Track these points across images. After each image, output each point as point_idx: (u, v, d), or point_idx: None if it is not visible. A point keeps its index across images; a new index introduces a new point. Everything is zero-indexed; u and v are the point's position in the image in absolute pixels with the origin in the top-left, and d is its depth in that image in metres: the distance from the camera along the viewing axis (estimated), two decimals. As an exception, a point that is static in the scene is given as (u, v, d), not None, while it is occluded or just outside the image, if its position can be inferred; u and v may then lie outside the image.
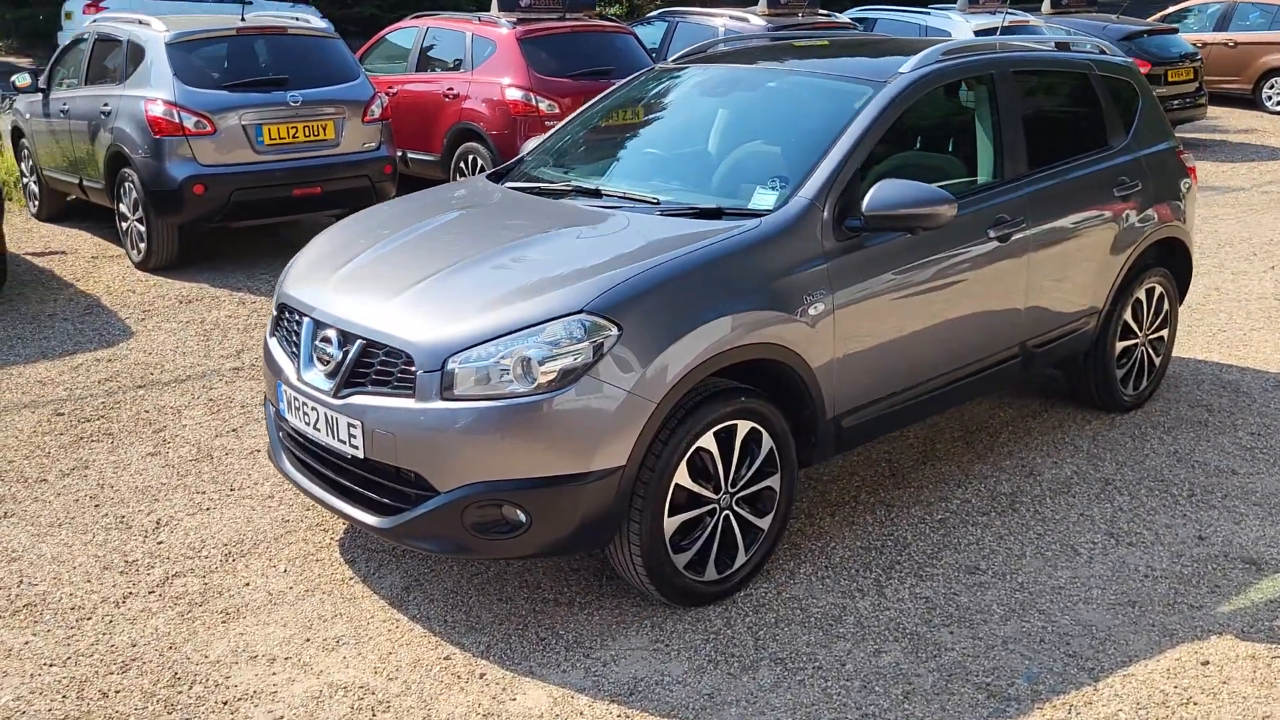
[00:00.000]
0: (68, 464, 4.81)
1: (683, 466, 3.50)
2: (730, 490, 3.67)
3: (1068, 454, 4.97)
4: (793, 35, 5.91)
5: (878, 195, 3.82)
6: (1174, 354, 6.20)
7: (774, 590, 3.83)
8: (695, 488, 3.57)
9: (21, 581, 3.88)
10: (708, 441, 3.55)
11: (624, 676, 3.36)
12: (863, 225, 3.86)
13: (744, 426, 3.65)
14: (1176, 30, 14.92)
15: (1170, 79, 13.52)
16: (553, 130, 5.02)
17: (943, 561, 4.04)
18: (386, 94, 9.93)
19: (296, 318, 3.83)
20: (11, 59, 18.93)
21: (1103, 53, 5.34)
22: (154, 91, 7.71)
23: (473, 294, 3.54)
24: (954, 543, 4.17)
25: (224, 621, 3.64)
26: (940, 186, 4.32)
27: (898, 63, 4.35)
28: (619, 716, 3.18)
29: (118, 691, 3.28)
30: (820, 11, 11.89)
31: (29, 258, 8.55)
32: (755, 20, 11.14)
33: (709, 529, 3.65)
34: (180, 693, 3.27)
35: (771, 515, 3.84)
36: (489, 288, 3.56)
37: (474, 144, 9.33)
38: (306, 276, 3.99)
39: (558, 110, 8.81)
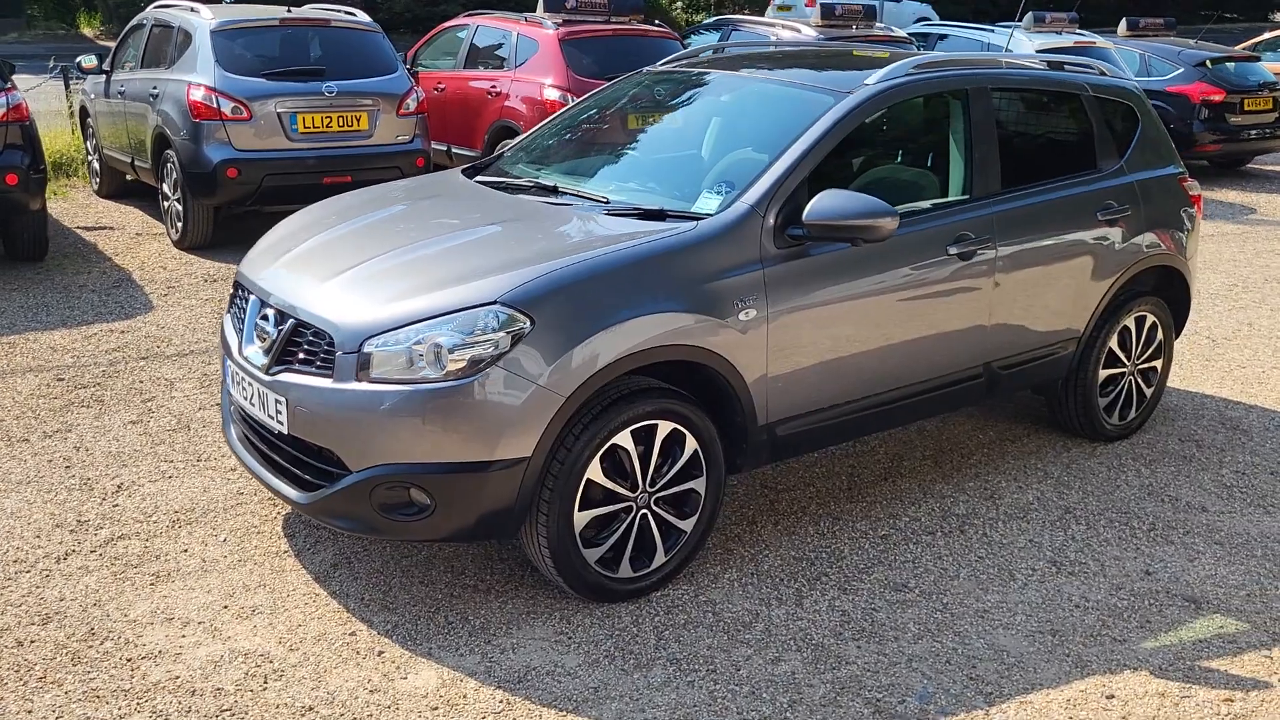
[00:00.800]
0: (53, 426, 5.02)
1: (595, 462, 3.54)
2: (649, 490, 3.70)
3: (1035, 480, 4.88)
4: (798, 45, 5.88)
5: (818, 205, 3.81)
6: (1181, 386, 6.07)
7: (692, 593, 3.85)
8: (610, 484, 3.60)
9: (-22, 533, 4.07)
10: (624, 439, 3.58)
11: (518, 665, 3.40)
12: (805, 234, 3.85)
13: (665, 427, 3.67)
14: (1258, 59, 14.45)
15: (1247, 108, 13.11)
16: (535, 128, 5.10)
17: (872, 577, 4.01)
18: (436, 89, 10.16)
19: (245, 296, 3.96)
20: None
21: (1102, 74, 5.23)
22: (196, 77, 7.98)
23: (399, 280, 3.63)
24: (890, 559, 4.13)
25: (152, 584, 3.77)
26: (903, 201, 4.32)
27: (869, 74, 4.33)
28: (501, 703, 3.23)
29: (33, 642, 3.42)
30: (877, 24, 11.80)
31: (79, 231, 8.91)
32: (807, 31, 11.11)
33: (624, 527, 3.68)
34: (90, 647, 3.40)
35: (695, 518, 3.85)
36: (416, 275, 3.64)
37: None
38: (260, 257, 4.12)
39: (592, 112, 8.87)
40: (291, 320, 3.63)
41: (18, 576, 3.79)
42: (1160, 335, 5.34)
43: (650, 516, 3.74)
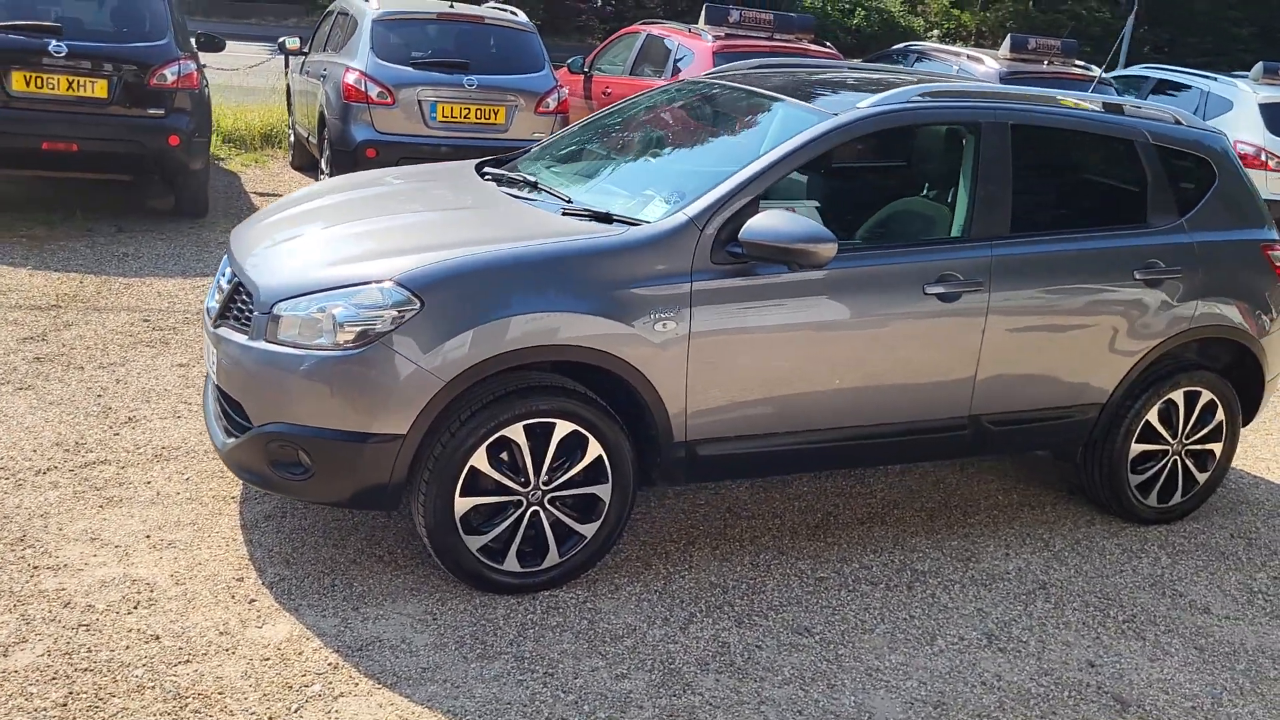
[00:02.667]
0: (111, 359, 5.52)
1: (482, 451, 3.57)
2: (542, 487, 3.70)
3: (1030, 549, 4.52)
4: (867, 67, 5.64)
5: (755, 223, 3.71)
6: (1267, 475, 5.47)
7: (582, 598, 3.81)
8: (497, 475, 3.62)
9: (-6, 440, 4.54)
10: (516, 433, 3.60)
11: (368, 634, 3.49)
12: (743, 252, 3.75)
13: (564, 427, 3.66)
14: None
15: None
16: (568, 127, 5.17)
17: (780, 616, 3.84)
18: (604, 92, 10.40)
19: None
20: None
21: (1177, 122, 4.77)
22: (353, 61, 8.53)
23: (330, 251, 3.79)
24: (810, 602, 3.95)
25: (101, 506, 4.10)
26: (887, 233, 4.14)
27: (869, 98, 4.16)
28: (328, 665, 3.32)
29: (-32, 538, 3.80)
30: (1075, 63, 11.13)
31: (253, 195, 9.68)
32: (989, 63, 10.63)
33: (512, 520, 3.69)
34: (10, 550, 3.74)
35: (598, 524, 3.82)
36: (346, 248, 3.80)
37: (655, 149, 9.55)
38: (250, 221, 4.39)
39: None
40: (236, 279, 3.86)
41: (-5, 481, 4.21)
42: (1221, 416, 4.82)
43: (543, 515, 3.73)
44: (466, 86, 8.44)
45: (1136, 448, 4.70)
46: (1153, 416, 4.67)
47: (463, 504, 3.61)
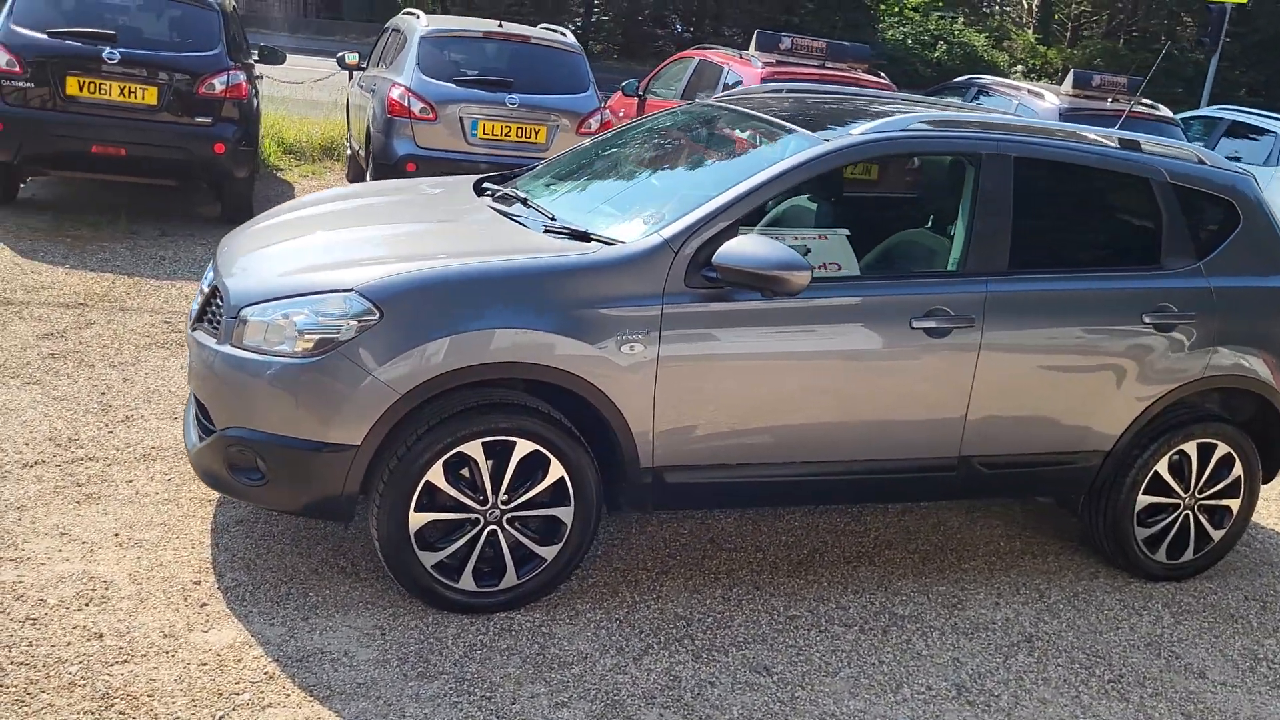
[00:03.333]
0: (124, 358, 5.60)
1: (438, 467, 3.53)
2: (501, 507, 3.64)
3: (1023, 600, 4.33)
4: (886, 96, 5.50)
5: (729, 248, 3.62)
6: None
7: (538, 622, 3.74)
8: (453, 492, 3.58)
9: (-8, 432, 4.63)
10: (474, 450, 3.55)
11: (313, 646, 3.45)
12: (718, 277, 3.66)
13: (524, 446, 3.60)
14: None
15: None
16: (573, 147, 5.14)
17: (741, 653, 3.72)
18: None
19: None
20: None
21: (1200, 162, 4.57)
22: (400, 77, 8.63)
23: (304, 258, 3.79)
24: (776, 641, 3.82)
25: (78, 502, 4.14)
26: (879, 263, 4.03)
27: (864, 125, 4.05)
28: (264, 674, 3.29)
29: (-59, 525, 3.86)
30: (1143, 101, 10.82)
31: (302, 206, 9.81)
32: (1050, 98, 10.38)
33: (468, 538, 3.64)
34: (-21, 541, 3.79)
35: (560, 546, 3.75)
36: (320, 256, 3.80)
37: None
38: (243, 227, 4.42)
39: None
40: (214, 282, 3.88)
41: (-19, 472, 4.28)
42: (1238, 471, 4.58)
43: (502, 535, 3.67)
44: (508, 105, 8.48)
45: (1144, 499, 4.48)
46: (1162, 468, 4.46)
47: (418, 519, 3.57)
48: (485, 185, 4.68)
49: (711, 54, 10.50)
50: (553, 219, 4.06)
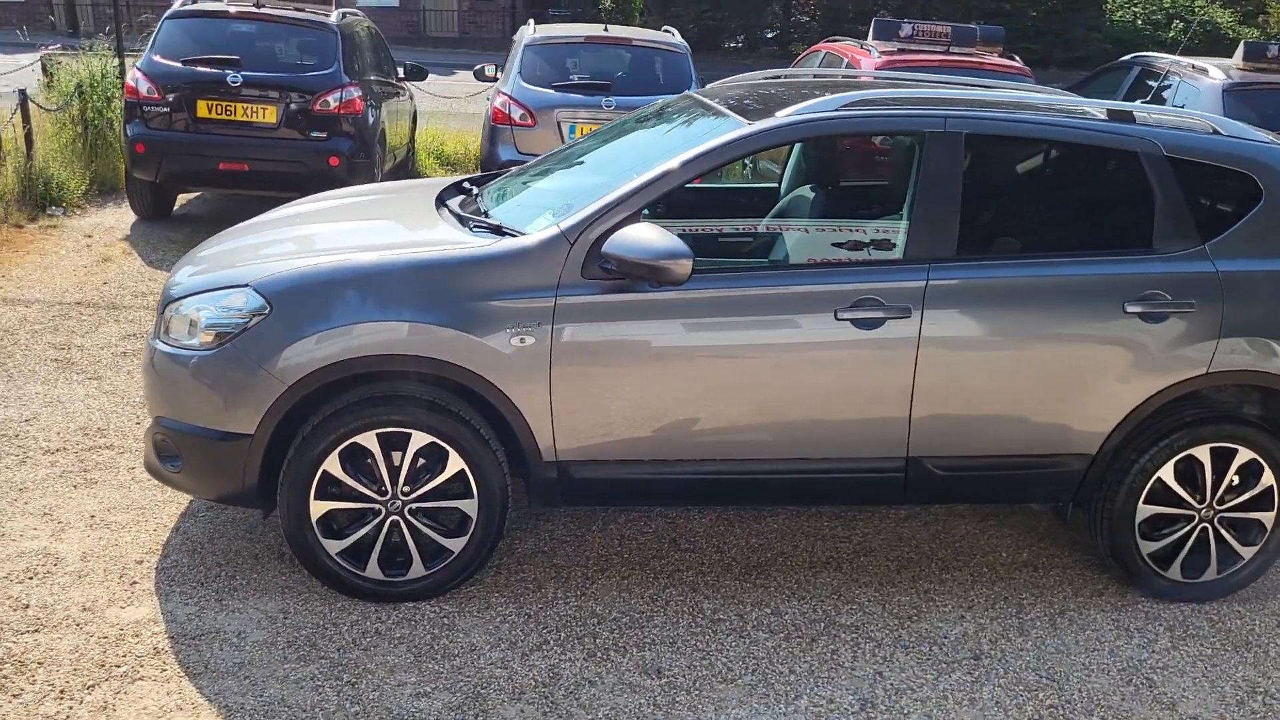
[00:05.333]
0: (123, 350, 6.01)
1: (334, 457, 3.63)
2: (401, 497, 3.70)
3: (996, 614, 3.99)
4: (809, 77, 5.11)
5: (617, 237, 3.55)
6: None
7: (443, 613, 3.77)
8: (351, 482, 3.66)
9: None
10: (369, 441, 3.63)
11: (212, 625, 3.62)
12: (612, 268, 3.58)
13: (420, 438, 3.64)
14: None
15: None
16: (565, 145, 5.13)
17: (641, 654, 3.62)
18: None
19: None
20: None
21: (1215, 133, 4.06)
22: (505, 85, 8.88)
23: (231, 257, 3.98)
24: (686, 644, 3.69)
25: (76, 486, 4.49)
26: (801, 251, 3.84)
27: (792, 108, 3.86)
28: (153, 649, 3.47)
29: (-57, 502, 4.30)
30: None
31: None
32: (1215, 74, 9.45)
33: (370, 528, 3.71)
34: (-32, 518, 4.20)
35: (466, 539, 3.77)
36: (246, 255, 3.97)
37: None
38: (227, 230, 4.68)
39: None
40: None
41: (7, 455, 4.72)
42: (1270, 480, 4.05)
43: (404, 526, 3.73)
44: (604, 107, 8.54)
45: (1147, 509, 4.03)
46: (1167, 474, 3.99)
47: (318, 507, 3.67)
48: (465, 184, 4.75)
49: (836, 46, 10.19)
50: (485, 215, 4.08)
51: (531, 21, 9.45)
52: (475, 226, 3.96)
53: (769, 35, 27.93)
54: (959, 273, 3.78)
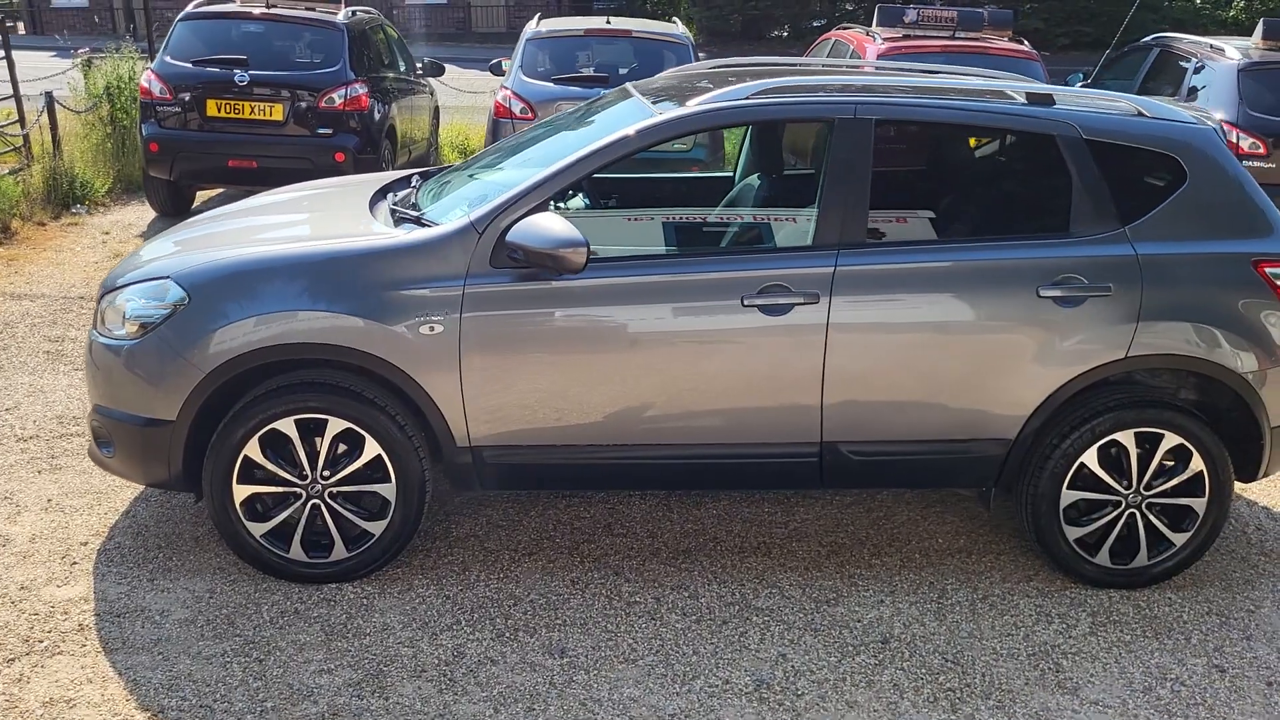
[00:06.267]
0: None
1: (254, 442, 3.76)
2: (320, 481, 3.82)
3: (917, 599, 4.01)
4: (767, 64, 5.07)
5: (520, 227, 3.63)
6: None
7: (364, 594, 3.88)
8: (271, 467, 3.79)
9: None
10: (287, 427, 3.75)
11: (138, 604, 3.77)
12: (520, 257, 3.66)
13: (337, 424, 3.76)
14: None
15: None
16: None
17: (549, 635, 3.70)
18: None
19: None
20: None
21: (1140, 115, 4.01)
22: (507, 80, 8.99)
23: (170, 249, 4.13)
24: (594, 626, 3.76)
25: (40, 472, 4.69)
26: (705, 239, 3.88)
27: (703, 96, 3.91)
28: (77, 625, 3.64)
29: (-87, 487, 4.52)
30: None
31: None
32: (1232, 53, 9.23)
33: (291, 511, 3.84)
34: (-67, 501, 4.41)
35: (386, 523, 3.88)
36: (180, 247, 4.12)
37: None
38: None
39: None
40: None
41: (-19, 443, 4.95)
42: (1199, 466, 4.00)
43: (324, 509, 3.85)
44: (602, 99, 8.60)
45: (1071, 494, 4.01)
46: (1090, 459, 3.97)
47: (241, 491, 3.81)
48: (415, 178, 4.86)
49: (844, 34, 10.14)
50: (416, 208, 4.18)
51: (538, 16, 9.54)
52: (399, 219, 4.06)
53: (815, 25, 27.70)
54: (868, 258, 3.80)
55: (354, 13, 9.54)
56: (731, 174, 5.36)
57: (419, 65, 11.23)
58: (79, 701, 3.28)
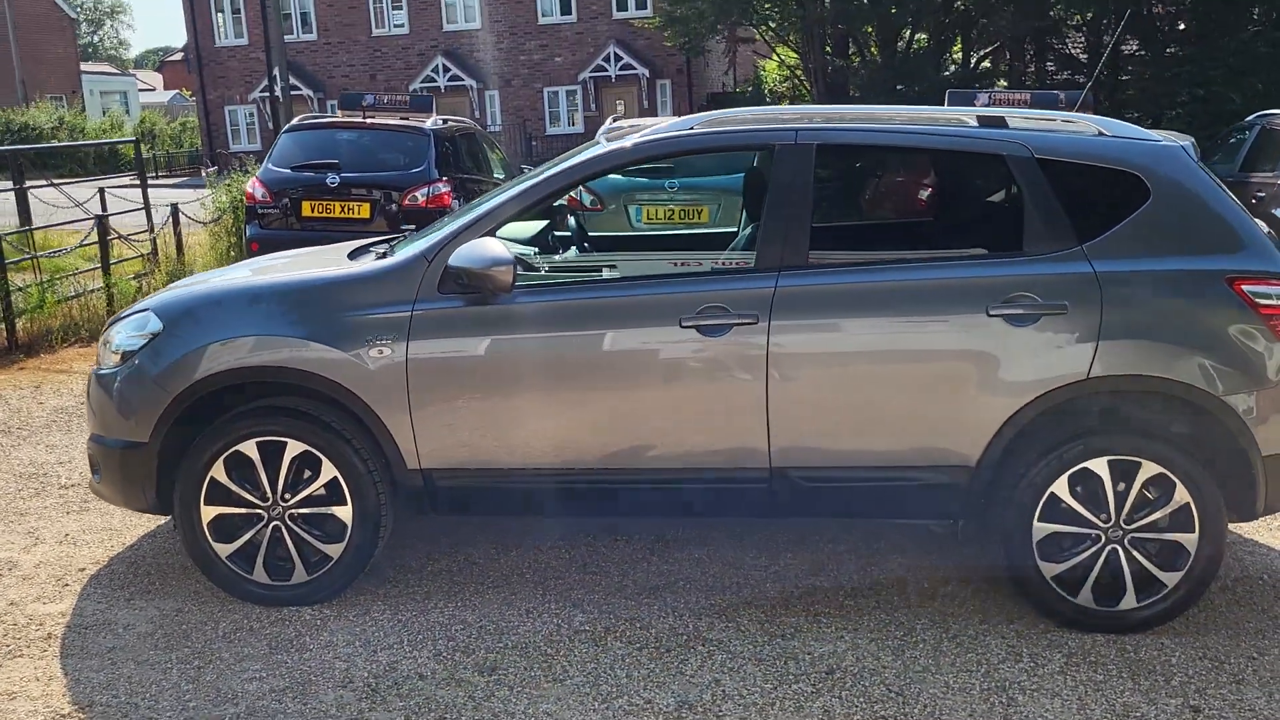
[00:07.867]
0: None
1: (220, 464, 3.95)
2: (281, 504, 3.97)
3: (880, 634, 3.83)
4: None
5: (458, 251, 3.78)
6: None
7: (323, 616, 3.96)
8: (234, 488, 3.97)
9: None
10: (249, 449, 3.94)
11: (108, 619, 3.96)
12: (465, 283, 3.80)
13: (295, 447, 3.92)
14: None
15: None
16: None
17: (484, 656, 3.69)
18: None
19: None
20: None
21: (1100, 135, 3.92)
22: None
23: (176, 291, 4.44)
24: (532, 649, 3.74)
25: (69, 512, 5.02)
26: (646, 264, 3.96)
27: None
28: (46, 635, 3.84)
29: (-49, 522, 4.89)
30: None
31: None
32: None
33: (254, 532, 3.99)
34: (-36, 533, 4.76)
35: (343, 545, 3.99)
36: (183, 288, 4.42)
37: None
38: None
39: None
40: None
41: (28, 488, 5.31)
42: (1184, 498, 3.75)
43: (285, 531, 3.98)
44: (668, 190, 8.85)
45: (1044, 527, 3.80)
46: (1061, 489, 3.77)
47: (208, 512, 3.99)
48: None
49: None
50: (391, 249, 4.39)
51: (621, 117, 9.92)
52: (376, 258, 4.27)
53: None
54: (810, 279, 3.78)
55: (444, 120, 10.13)
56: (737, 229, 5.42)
57: (513, 170, 11.77)
58: (20, 695, 3.46)
